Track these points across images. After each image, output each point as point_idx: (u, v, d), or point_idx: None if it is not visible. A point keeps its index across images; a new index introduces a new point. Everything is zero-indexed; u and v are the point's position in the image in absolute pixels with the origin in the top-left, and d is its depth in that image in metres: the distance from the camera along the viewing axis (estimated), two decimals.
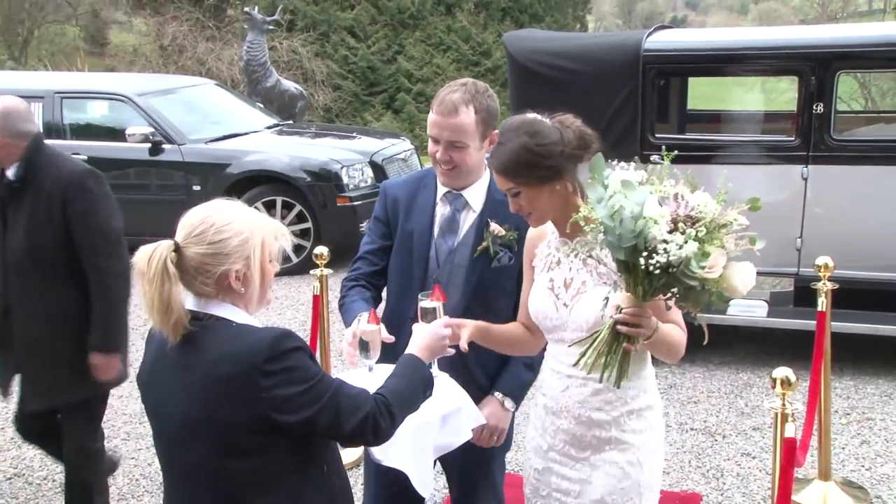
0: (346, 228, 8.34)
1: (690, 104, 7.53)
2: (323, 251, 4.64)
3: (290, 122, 10.94)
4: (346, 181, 8.43)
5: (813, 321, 4.31)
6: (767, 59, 6.00)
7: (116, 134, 8.62)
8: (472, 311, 2.63)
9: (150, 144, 8.46)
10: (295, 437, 1.94)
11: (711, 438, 4.95)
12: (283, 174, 8.42)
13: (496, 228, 2.72)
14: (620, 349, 2.16)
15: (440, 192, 2.79)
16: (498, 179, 2.38)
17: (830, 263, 4.24)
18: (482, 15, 17.42)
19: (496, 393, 2.78)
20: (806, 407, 4.13)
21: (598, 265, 2.32)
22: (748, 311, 5.86)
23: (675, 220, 2.02)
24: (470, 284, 2.73)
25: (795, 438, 3.04)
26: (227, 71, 15.91)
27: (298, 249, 8.31)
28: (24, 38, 19.84)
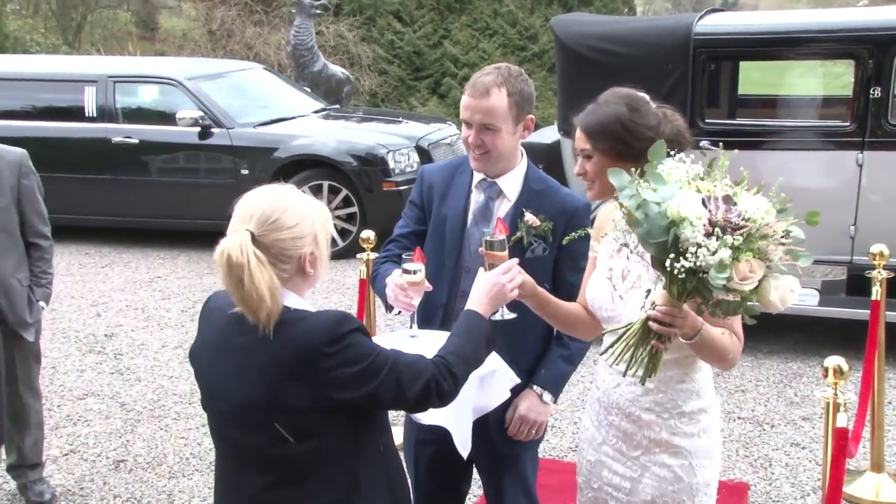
0: (391, 213, 8.25)
1: (741, 89, 7.38)
2: (369, 235, 4.66)
3: (336, 106, 10.99)
4: (392, 165, 8.45)
5: (866, 310, 4.25)
6: (823, 42, 5.86)
7: (167, 118, 8.71)
8: None
9: (199, 128, 8.54)
10: (357, 414, 1.97)
11: (759, 427, 4.89)
12: (329, 158, 8.46)
13: (531, 219, 2.66)
14: (649, 345, 2.08)
15: (476, 179, 2.75)
16: (578, 136, 2.34)
17: (886, 252, 4.16)
18: None
19: (534, 386, 2.75)
20: (858, 397, 4.06)
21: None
22: (799, 299, 5.75)
23: (711, 222, 1.88)
24: None
25: (847, 428, 2.99)
26: (274, 55, 15.99)
27: (344, 233, 8.38)
28: (77, 23, 20.18)
